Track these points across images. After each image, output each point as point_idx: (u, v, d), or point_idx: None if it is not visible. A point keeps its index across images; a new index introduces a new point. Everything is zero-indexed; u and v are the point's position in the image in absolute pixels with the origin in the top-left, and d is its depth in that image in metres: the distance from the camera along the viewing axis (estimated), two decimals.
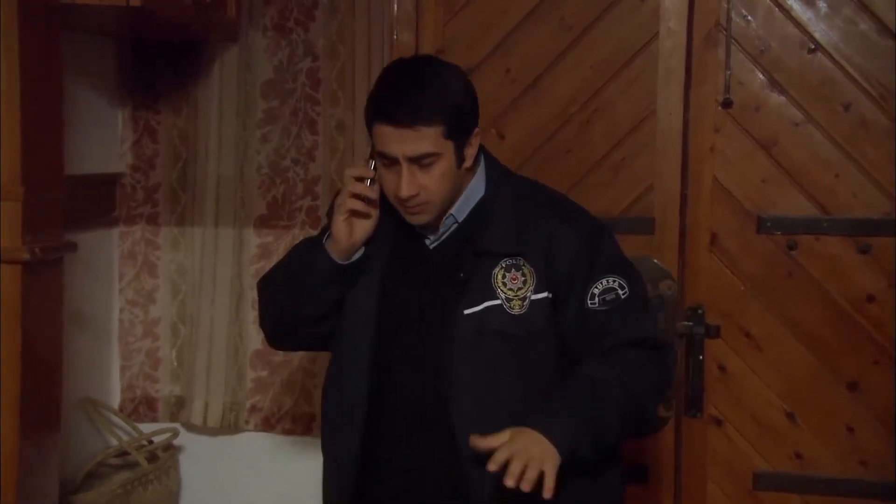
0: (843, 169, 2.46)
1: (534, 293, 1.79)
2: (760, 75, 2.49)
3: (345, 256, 1.83)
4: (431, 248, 1.87)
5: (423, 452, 1.82)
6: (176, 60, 2.68)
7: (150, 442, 2.69)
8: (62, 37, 1.96)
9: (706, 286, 2.53)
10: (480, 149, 1.86)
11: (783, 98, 2.48)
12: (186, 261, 2.74)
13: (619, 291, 1.81)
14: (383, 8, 2.58)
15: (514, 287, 1.79)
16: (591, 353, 1.80)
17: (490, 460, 1.61)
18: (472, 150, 1.81)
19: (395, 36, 2.61)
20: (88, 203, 2.57)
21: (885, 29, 2.42)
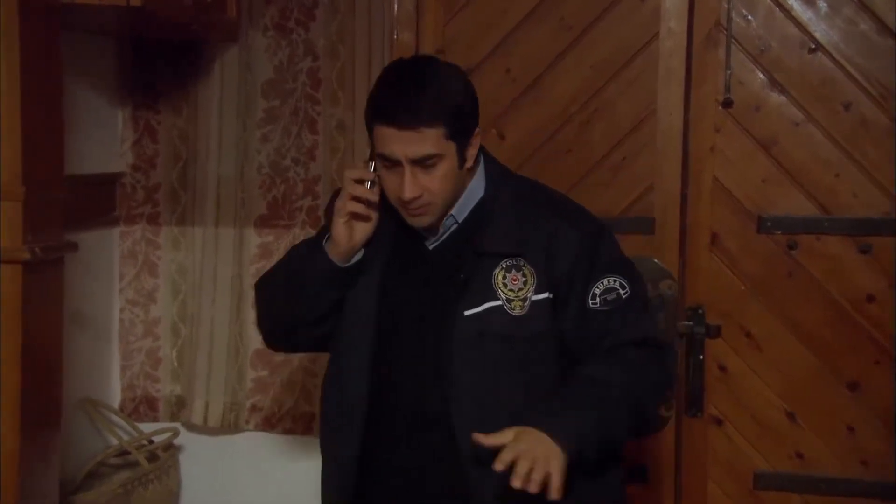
0: (844, 169, 2.46)
1: (534, 294, 1.79)
2: (761, 75, 2.49)
3: (344, 259, 1.82)
4: (431, 249, 1.87)
5: (423, 452, 1.81)
6: (176, 60, 2.68)
7: (151, 442, 2.69)
8: (62, 36, 1.96)
9: (706, 286, 2.53)
10: (480, 149, 1.86)
11: (783, 98, 2.48)
12: (187, 260, 2.74)
13: (620, 291, 1.81)
14: (384, 8, 2.58)
15: (514, 288, 1.79)
16: (592, 353, 1.79)
17: (496, 460, 1.60)
18: (473, 150, 1.81)
19: (395, 36, 2.61)
20: (89, 203, 2.57)
21: (886, 29, 2.42)
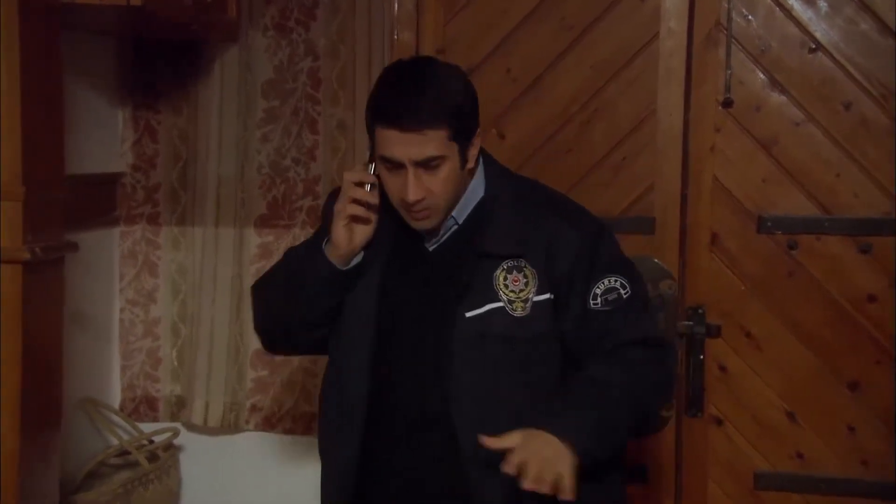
0: (844, 168, 2.45)
1: (536, 295, 1.79)
2: (761, 75, 2.49)
3: (344, 262, 1.82)
4: (431, 250, 1.86)
5: (423, 453, 1.81)
6: (176, 60, 2.68)
7: (151, 441, 2.69)
8: (62, 36, 1.96)
9: (707, 286, 2.53)
10: (479, 149, 1.86)
11: (784, 98, 2.48)
12: (187, 260, 2.74)
13: (621, 291, 1.81)
14: (384, 7, 2.58)
15: (515, 289, 1.79)
16: (592, 353, 1.79)
17: (505, 463, 1.61)
18: (475, 150, 1.81)
19: (395, 36, 2.61)
20: (89, 203, 2.57)
21: (886, 28, 2.42)
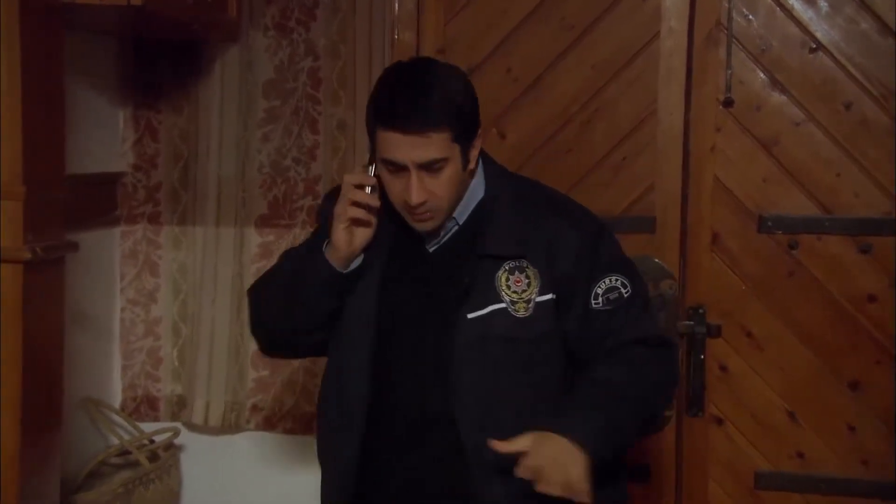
0: (845, 168, 2.45)
1: (538, 295, 1.78)
2: (761, 75, 2.49)
3: (344, 264, 1.81)
4: (432, 251, 1.85)
5: (424, 453, 1.81)
6: (177, 60, 2.68)
7: (152, 441, 2.69)
8: (63, 36, 1.96)
9: (707, 285, 2.53)
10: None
11: (784, 97, 2.48)
12: (188, 260, 2.74)
13: (622, 290, 1.81)
14: (384, 7, 2.59)
15: (518, 290, 1.78)
16: (594, 352, 1.79)
17: (518, 467, 1.61)
18: (476, 151, 1.80)
19: (396, 35, 2.61)
20: (90, 202, 2.57)
21: (886, 28, 2.42)
